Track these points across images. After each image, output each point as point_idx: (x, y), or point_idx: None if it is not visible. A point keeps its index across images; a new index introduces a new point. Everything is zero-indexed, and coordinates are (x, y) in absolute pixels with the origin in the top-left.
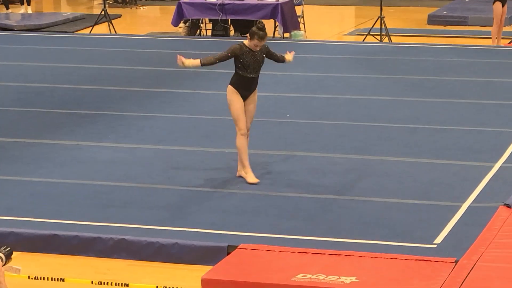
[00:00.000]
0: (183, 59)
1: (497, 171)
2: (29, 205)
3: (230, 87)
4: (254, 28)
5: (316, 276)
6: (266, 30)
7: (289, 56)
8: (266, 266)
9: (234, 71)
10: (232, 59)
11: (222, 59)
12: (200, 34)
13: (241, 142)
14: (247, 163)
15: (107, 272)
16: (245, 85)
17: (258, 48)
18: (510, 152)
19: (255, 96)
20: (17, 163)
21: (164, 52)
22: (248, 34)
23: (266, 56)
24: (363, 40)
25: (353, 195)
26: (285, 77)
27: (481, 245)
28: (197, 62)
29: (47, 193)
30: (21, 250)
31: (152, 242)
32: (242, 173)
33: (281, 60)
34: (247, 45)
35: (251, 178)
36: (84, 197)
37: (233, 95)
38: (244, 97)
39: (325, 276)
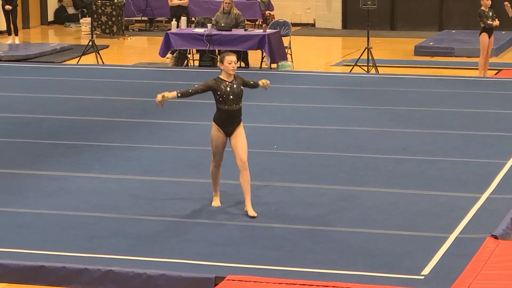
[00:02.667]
0: (160, 95)
1: (484, 202)
2: (15, 235)
3: (213, 124)
4: (220, 55)
5: None
6: (252, 61)
7: (262, 81)
8: None
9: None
10: (212, 94)
11: (197, 91)
12: (187, 64)
13: (213, 170)
14: (217, 189)
15: None
16: (227, 119)
17: (233, 70)
18: (497, 183)
19: (240, 129)
20: (3, 194)
21: (152, 82)
22: (218, 62)
23: (244, 85)
24: (350, 71)
25: (340, 226)
26: (272, 107)
27: (468, 276)
28: (174, 94)
29: (34, 224)
30: (8, 281)
31: (139, 273)
32: (216, 201)
33: (255, 85)
34: (222, 77)
35: (216, 202)
36: (70, 228)
37: (214, 132)
38: (228, 133)
39: None
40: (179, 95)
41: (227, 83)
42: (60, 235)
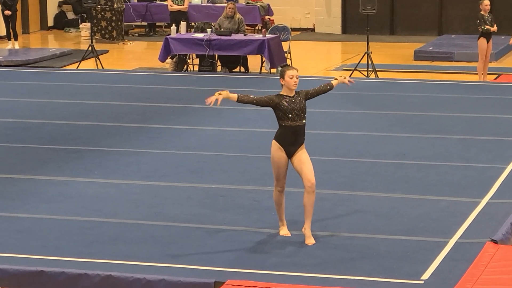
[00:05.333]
0: (218, 93)
1: (484, 206)
2: (15, 241)
3: (274, 142)
4: (281, 69)
5: None
6: (251, 66)
7: (341, 79)
8: None
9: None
10: (274, 112)
11: (259, 102)
12: (187, 69)
13: (277, 196)
14: (283, 217)
15: None
16: (290, 137)
17: (295, 85)
18: (496, 187)
19: (303, 151)
20: (3, 199)
21: (151, 87)
22: (279, 77)
23: (309, 97)
24: (350, 76)
25: (340, 231)
26: (271, 112)
27: (468, 281)
28: (234, 95)
29: (33, 229)
30: (7, 286)
31: (138, 278)
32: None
33: (325, 89)
34: (284, 93)
35: (284, 231)
36: (70, 233)
37: (275, 151)
38: (290, 153)
39: None
40: (239, 99)
41: (289, 98)
42: (59, 240)
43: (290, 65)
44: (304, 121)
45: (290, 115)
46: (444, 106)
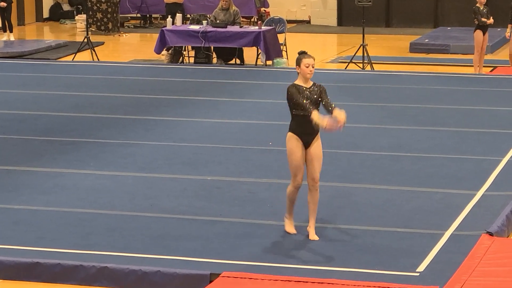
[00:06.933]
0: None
1: (479, 199)
2: (10, 232)
3: (290, 135)
4: (297, 57)
5: None
6: (247, 58)
7: (337, 112)
8: None
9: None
10: (287, 103)
11: (302, 99)
12: (182, 61)
13: (293, 193)
14: (292, 213)
15: None
16: (305, 126)
17: (310, 74)
18: (492, 180)
19: (318, 141)
20: None
21: (147, 79)
22: (296, 65)
23: (320, 95)
24: (346, 68)
25: (336, 223)
26: (267, 104)
27: (464, 273)
28: (315, 114)
29: (29, 221)
30: (3, 278)
31: (134, 270)
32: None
33: (328, 109)
34: (299, 83)
35: (290, 227)
36: (66, 225)
37: (293, 143)
38: (307, 143)
39: None
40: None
41: (305, 88)
42: (55, 231)
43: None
44: (317, 110)
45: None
46: (440, 98)
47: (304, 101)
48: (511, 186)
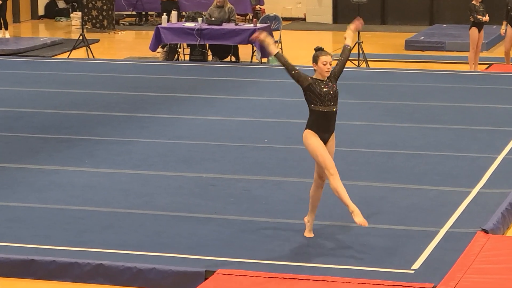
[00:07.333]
0: (263, 35)
1: (474, 196)
2: (5, 229)
3: (306, 131)
4: (314, 53)
5: None
6: (242, 55)
7: (349, 32)
8: None
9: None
10: (304, 96)
11: (295, 71)
12: (178, 59)
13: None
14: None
15: None
16: (323, 123)
17: (328, 72)
18: (487, 177)
19: (334, 139)
20: None
21: (142, 77)
22: (312, 62)
23: (338, 77)
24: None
25: (330, 220)
26: (262, 101)
27: (459, 270)
28: (273, 48)
29: (24, 218)
30: None
31: (129, 267)
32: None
33: (346, 55)
34: (317, 77)
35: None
36: (61, 222)
37: (311, 138)
38: (323, 140)
39: None
40: (277, 54)
41: (323, 82)
42: (50, 229)
43: (323, 49)
44: (335, 108)
45: (323, 100)
46: (435, 95)
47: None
48: (506, 183)
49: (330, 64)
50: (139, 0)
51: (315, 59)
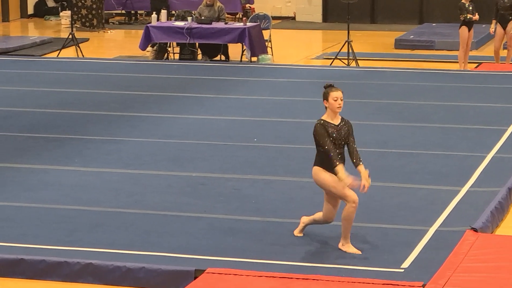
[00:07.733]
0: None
1: (464, 195)
2: None
3: (317, 168)
4: (324, 90)
5: None
6: (232, 54)
7: (363, 172)
8: None
9: (317, 153)
10: (313, 138)
11: (329, 144)
12: (167, 58)
13: (351, 211)
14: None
15: None
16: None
17: (339, 107)
18: (477, 176)
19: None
20: None
21: (132, 76)
22: (323, 99)
23: (348, 134)
24: (330, 64)
25: None
26: (252, 100)
27: (448, 269)
28: (340, 168)
29: (13, 217)
30: None
31: (119, 266)
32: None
33: (352, 155)
34: (327, 119)
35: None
36: (50, 221)
37: (322, 174)
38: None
39: None
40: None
41: (335, 127)
42: (39, 228)
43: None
44: (343, 149)
45: (336, 143)
46: (424, 94)
47: (331, 148)
48: (495, 182)
49: (341, 99)
50: None
51: (325, 96)
